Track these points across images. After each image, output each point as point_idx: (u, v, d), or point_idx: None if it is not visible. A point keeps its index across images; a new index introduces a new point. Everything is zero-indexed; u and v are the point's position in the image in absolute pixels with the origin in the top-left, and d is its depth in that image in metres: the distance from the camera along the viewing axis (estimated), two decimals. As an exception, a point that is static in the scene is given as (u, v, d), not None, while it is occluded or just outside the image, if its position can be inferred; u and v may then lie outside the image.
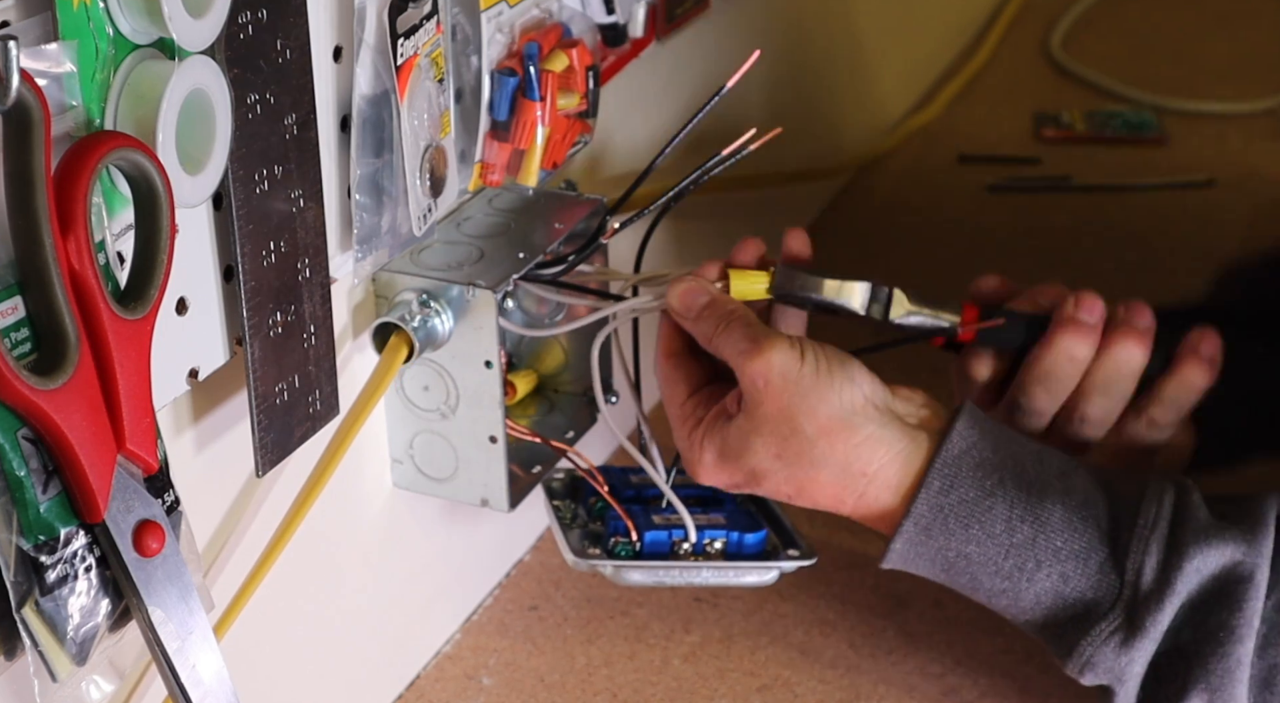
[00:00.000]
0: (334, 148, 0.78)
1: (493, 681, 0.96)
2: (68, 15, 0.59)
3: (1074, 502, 0.82)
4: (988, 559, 0.82)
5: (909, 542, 0.82)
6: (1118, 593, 0.80)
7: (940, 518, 0.82)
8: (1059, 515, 0.81)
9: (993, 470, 0.82)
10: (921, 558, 0.83)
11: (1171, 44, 1.84)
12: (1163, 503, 0.81)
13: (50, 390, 0.57)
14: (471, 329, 0.85)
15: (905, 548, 0.83)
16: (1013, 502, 0.81)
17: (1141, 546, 0.80)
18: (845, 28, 1.49)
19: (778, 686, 0.96)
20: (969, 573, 0.82)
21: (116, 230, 0.63)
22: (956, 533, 0.82)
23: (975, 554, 0.82)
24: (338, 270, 0.79)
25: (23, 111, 0.56)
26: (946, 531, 0.82)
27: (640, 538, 0.88)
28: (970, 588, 0.83)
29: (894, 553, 0.83)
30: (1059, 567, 0.81)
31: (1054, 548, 0.81)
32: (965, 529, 0.82)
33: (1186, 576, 0.79)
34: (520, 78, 0.87)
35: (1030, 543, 0.81)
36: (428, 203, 0.83)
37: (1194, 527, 0.80)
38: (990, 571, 0.82)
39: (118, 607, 0.63)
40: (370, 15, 0.76)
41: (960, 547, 0.82)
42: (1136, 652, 0.80)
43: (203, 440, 0.74)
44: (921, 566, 0.84)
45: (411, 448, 0.90)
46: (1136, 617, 0.80)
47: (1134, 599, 0.80)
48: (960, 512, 0.82)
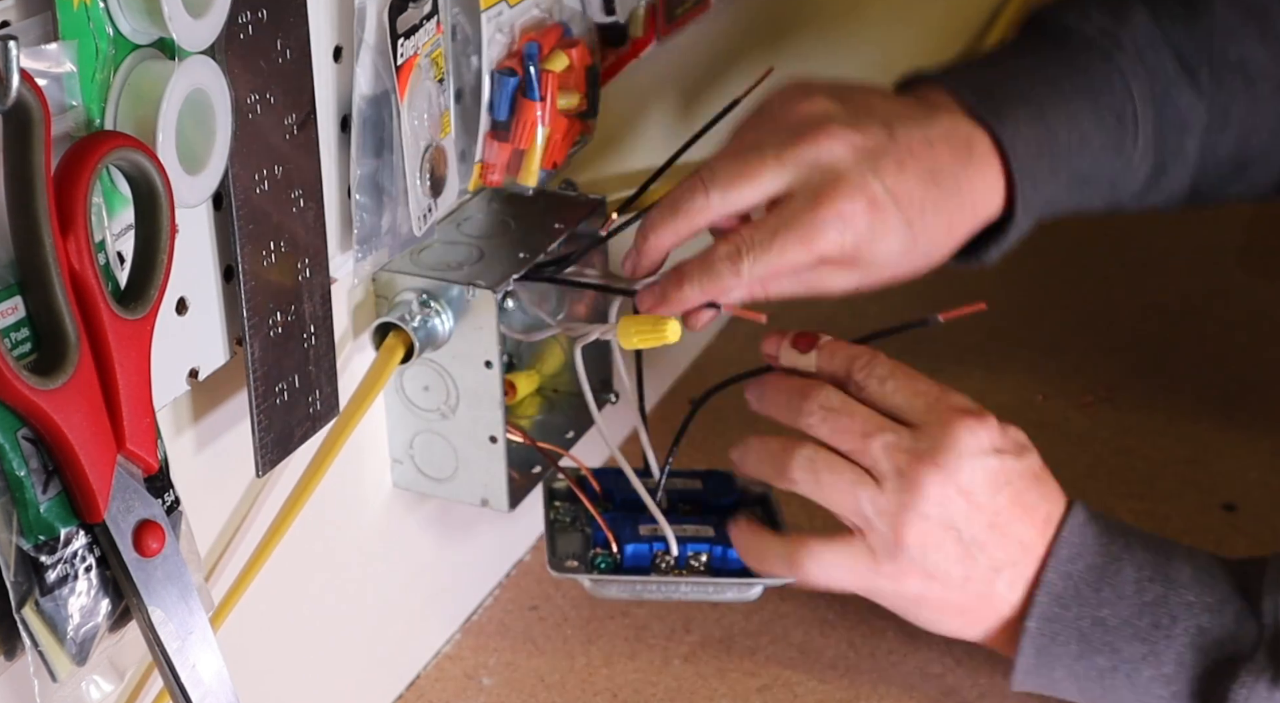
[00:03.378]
0: (334, 148, 0.78)
1: (493, 681, 0.96)
2: (68, 15, 0.59)
3: (1200, 562, 0.84)
4: (1123, 622, 0.82)
5: (1043, 617, 0.83)
6: (1258, 636, 0.81)
7: (1071, 585, 0.83)
8: (1188, 574, 0.83)
9: (1118, 536, 0.84)
10: (1057, 638, 0.83)
11: (1171, 44, 1.83)
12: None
13: (50, 390, 0.57)
14: (471, 329, 0.85)
15: (1040, 625, 0.83)
16: (1140, 564, 0.83)
17: (1274, 587, 0.82)
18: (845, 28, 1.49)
19: (778, 686, 0.96)
20: (1107, 643, 0.83)
21: (116, 230, 0.63)
22: (1089, 599, 0.83)
23: (1110, 618, 0.82)
24: (338, 270, 0.79)
25: (23, 111, 0.56)
26: (1079, 598, 0.83)
27: (620, 551, 0.87)
28: (1109, 667, 0.83)
29: (1029, 633, 0.83)
30: (1195, 620, 0.82)
31: (1187, 603, 0.82)
32: (1096, 594, 0.83)
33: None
34: (520, 78, 0.87)
35: (1163, 600, 0.82)
36: (428, 203, 0.83)
37: None
38: (1128, 634, 0.82)
39: (118, 607, 0.63)
40: (370, 15, 0.76)
41: (1094, 612, 0.82)
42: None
43: (203, 440, 0.74)
44: (1057, 651, 0.83)
45: (411, 448, 0.90)
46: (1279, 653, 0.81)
47: (1275, 637, 0.81)
48: (1089, 577, 0.83)
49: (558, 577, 0.88)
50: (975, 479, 0.83)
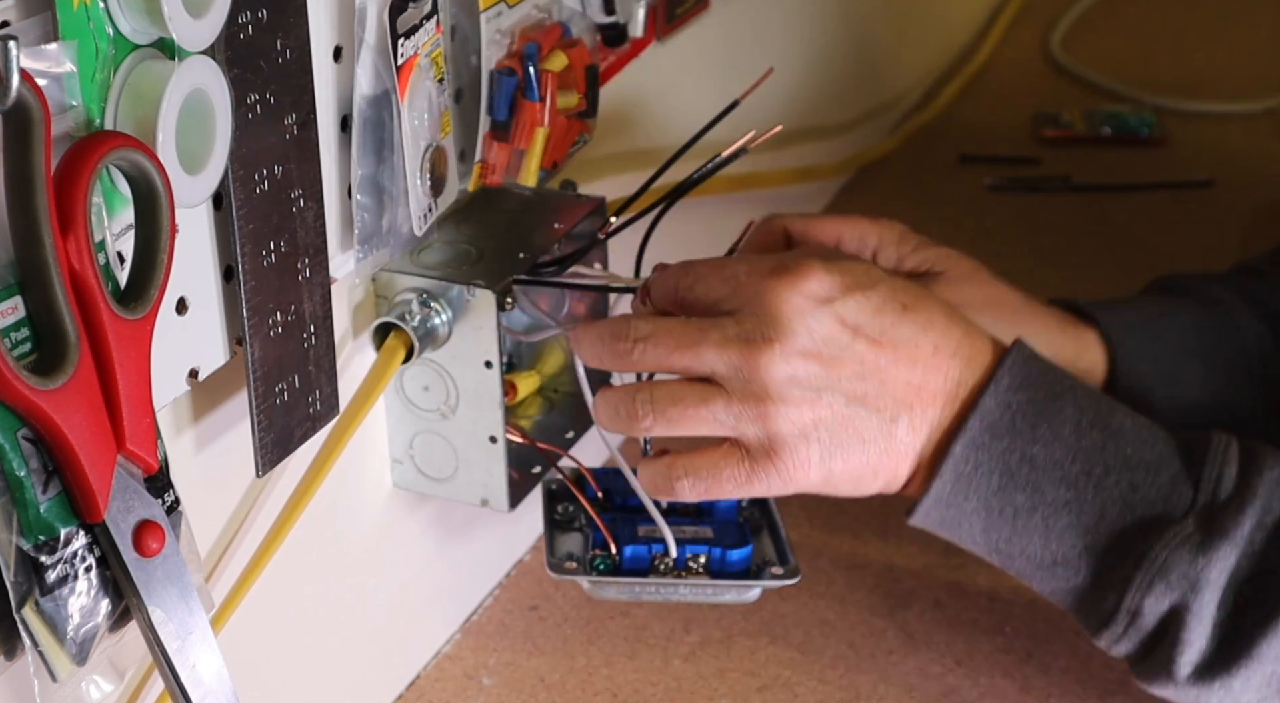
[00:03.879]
0: (334, 148, 0.78)
1: (493, 681, 0.96)
2: (68, 15, 0.59)
3: (1143, 421, 0.79)
4: (1054, 463, 0.77)
5: (971, 444, 0.77)
6: (1191, 502, 0.76)
7: (1007, 415, 0.77)
8: (1129, 425, 0.78)
9: (1063, 376, 0.79)
10: (981, 467, 0.77)
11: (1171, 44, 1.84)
12: (1230, 436, 0.79)
13: (50, 390, 0.57)
14: (471, 329, 0.85)
15: (965, 451, 0.77)
16: (1083, 407, 0.78)
17: (1218, 458, 0.77)
18: (845, 28, 1.49)
19: (778, 686, 0.96)
20: (1032, 481, 0.77)
21: (116, 230, 0.63)
22: (1023, 433, 0.77)
23: (1041, 456, 0.77)
24: (338, 270, 0.79)
25: (23, 111, 0.56)
26: (1013, 429, 0.77)
27: (619, 552, 0.87)
28: (1027, 507, 0.77)
29: (954, 456, 0.77)
30: (1128, 475, 0.77)
31: (1124, 456, 0.77)
32: (1032, 429, 0.77)
33: (1267, 484, 0.76)
34: (520, 78, 0.87)
35: (1099, 448, 0.77)
36: (428, 203, 0.83)
37: (1268, 449, 0.78)
38: (1056, 476, 0.77)
39: (118, 607, 0.63)
40: (370, 15, 0.76)
41: (1026, 448, 0.77)
42: (1216, 555, 0.75)
43: (203, 440, 0.74)
44: (977, 481, 0.77)
45: (411, 448, 0.90)
46: (1214, 520, 0.75)
47: (1211, 504, 0.76)
48: (1029, 410, 0.77)
49: (557, 578, 0.88)
50: (816, 337, 0.76)
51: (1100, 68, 1.75)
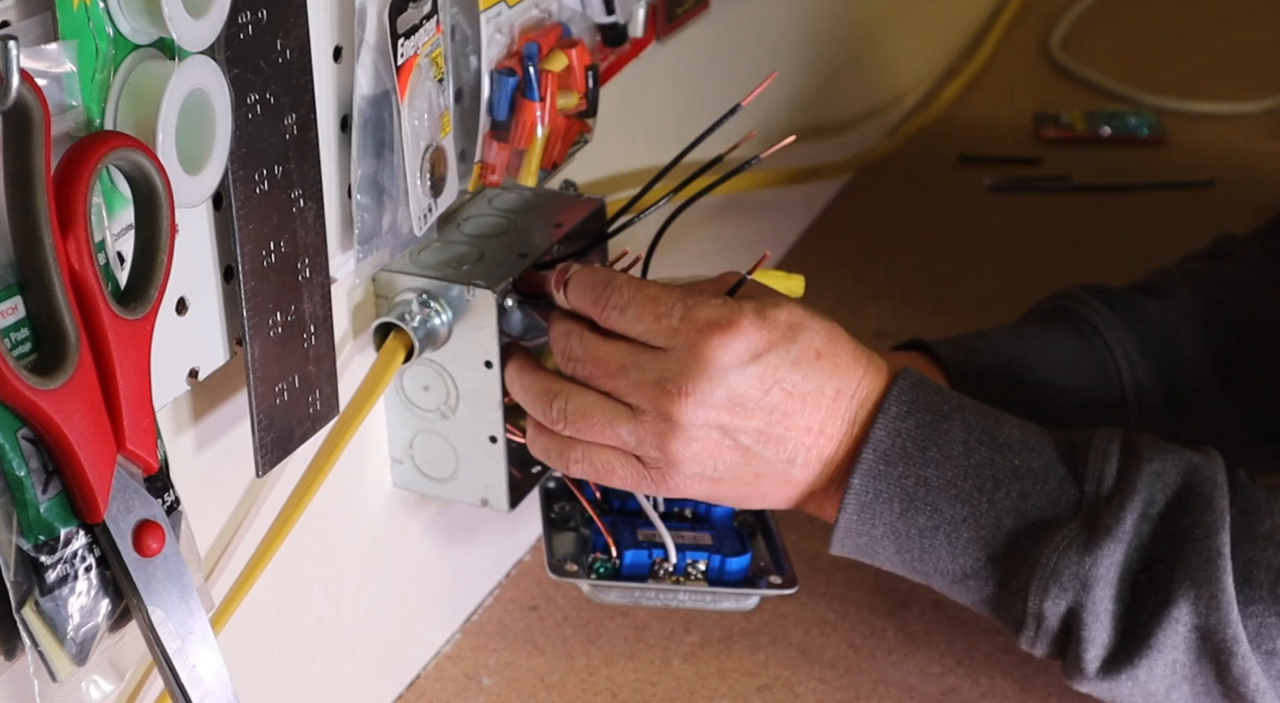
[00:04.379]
0: (334, 148, 0.78)
1: (493, 681, 0.96)
2: (68, 15, 0.59)
3: (1030, 429, 0.82)
4: (947, 483, 0.80)
5: (868, 473, 0.80)
6: (1078, 503, 0.80)
7: (899, 443, 0.80)
8: (1016, 437, 0.81)
9: (950, 397, 0.82)
10: (880, 496, 0.81)
11: (1171, 44, 1.84)
12: (1114, 433, 0.82)
13: (50, 390, 0.57)
14: (471, 329, 0.85)
15: (864, 482, 0.80)
16: (969, 425, 0.81)
17: (1099, 457, 0.81)
18: (845, 28, 1.49)
19: (778, 686, 0.96)
20: (929, 502, 0.80)
21: (116, 230, 0.63)
22: (915, 458, 0.80)
23: (934, 478, 0.80)
24: (338, 270, 0.79)
25: (23, 111, 0.56)
26: (905, 457, 0.80)
27: (620, 556, 0.87)
28: (929, 527, 0.81)
29: (854, 489, 0.81)
30: (1018, 485, 0.80)
31: (1012, 467, 0.80)
32: (923, 453, 0.80)
33: (1145, 478, 0.79)
34: (520, 78, 0.87)
35: (988, 463, 0.80)
36: (428, 203, 0.83)
37: (1148, 443, 0.81)
38: (951, 495, 0.80)
39: (118, 607, 0.63)
40: (370, 15, 0.76)
41: (919, 472, 0.80)
42: (1102, 552, 0.78)
43: (203, 440, 0.74)
44: (879, 508, 0.81)
45: (411, 448, 0.90)
46: (1098, 518, 0.79)
47: (1095, 504, 0.80)
48: (918, 436, 0.81)
49: (557, 580, 0.88)
50: (734, 392, 0.79)
51: (1100, 68, 1.75)
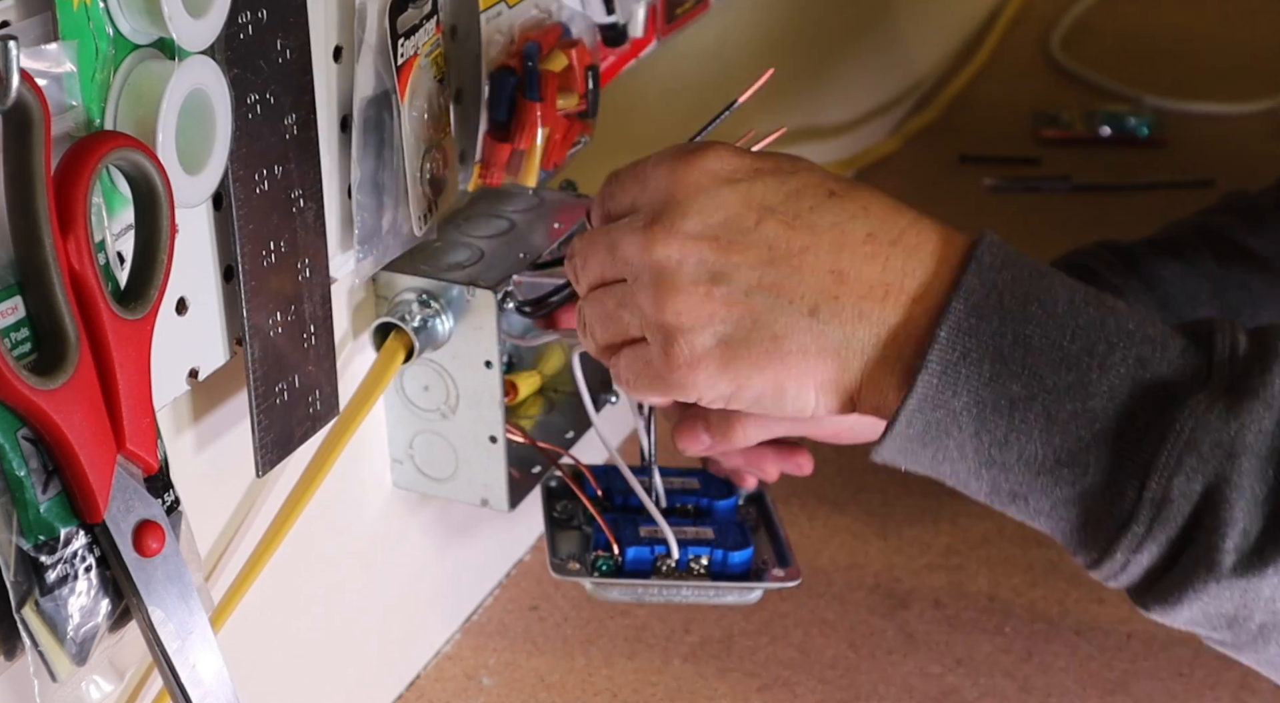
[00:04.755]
0: (334, 148, 0.78)
1: (493, 681, 0.96)
2: (68, 15, 0.59)
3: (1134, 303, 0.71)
4: (1051, 343, 0.66)
5: (957, 328, 0.66)
6: (1208, 370, 0.66)
7: (994, 295, 0.67)
8: (1124, 306, 0.68)
9: (1038, 263, 0.69)
10: (969, 355, 0.66)
11: (1171, 44, 1.84)
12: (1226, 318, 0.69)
13: (50, 390, 0.57)
14: (471, 329, 0.85)
15: (952, 337, 0.66)
16: (1073, 286, 0.68)
17: (1227, 327, 0.67)
18: (844, 28, 1.49)
19: (778, 686, 0.96)
20: (1028, 366, 0.66)
21: (116, 230, 0.63)
22: (1014, 312, 0.66)
23: (1036, 337, 0.66)
24: (338, 270, 0.79)
25: (23, 111, 0.56)
26: (1001, 309, 0.66)
27: (622, 553, 0.87)
28: (1025, 397, 0.66)
29: (940, 343, 0.66)
30: (1135, 350, 0.66)
31: (1126, 331, 0.67)
32: (1023, 308, 0.66)
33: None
34: (520, 78, 0.87)
35: (1099, 324, 0.66)
36: (428, 203, 0.83)
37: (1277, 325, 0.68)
38: (1055, 357, 0.66)
39: (118, 607, 0.63)
40: (370, 15, 0.76)
41: (1019, 328, 0.66)
42: (1249, 416, 0.64)
43: (203, 440, 0.74)
44: (966, 371, 0.66)
45: (411, 448, 0.90)
46: (1241, 382, 0.65)
47: (1232, 370, 0.66)
48: (1016, 289, 0.67)
49: (559, 579, 0.88)
50: (711, 218, 0.68)
51: (1100, 68, 1.75)
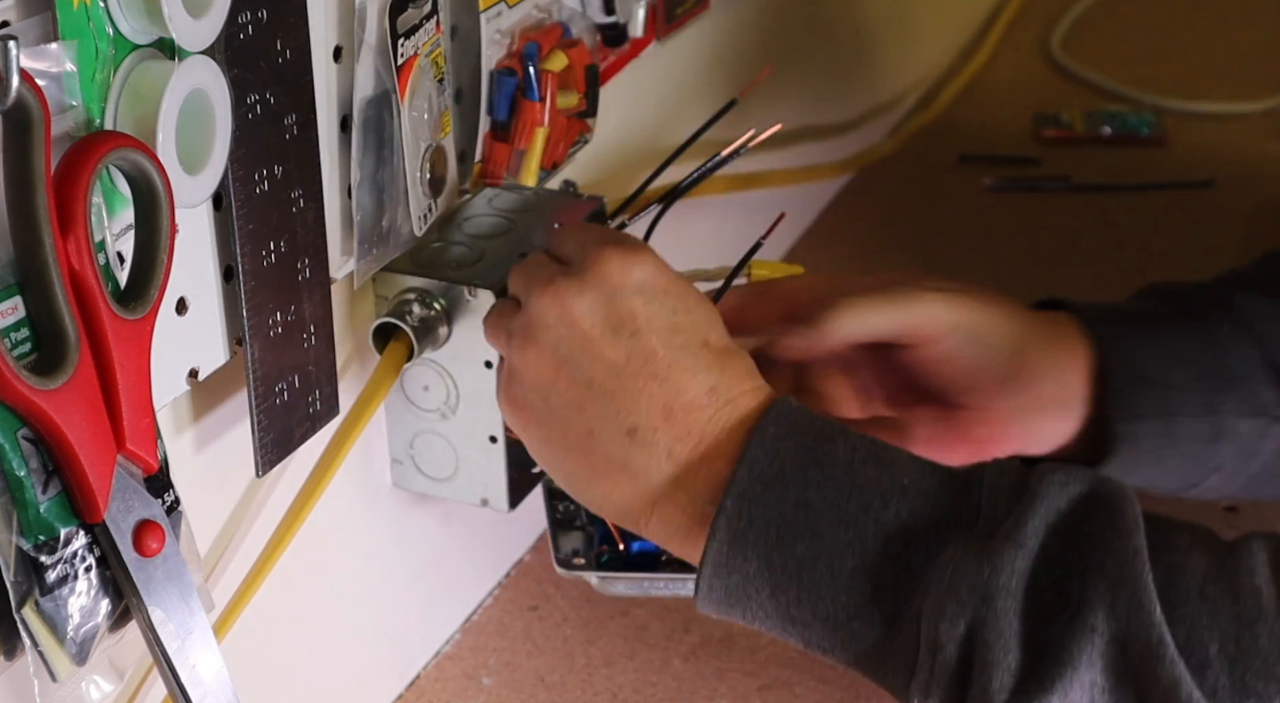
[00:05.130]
0: (334, 148, 0.78)
1: (493, 681, 0.96)
2: (68, 15, 0.59)
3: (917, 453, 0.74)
4: (830, 504, 0.70)
5: (741, 497, 0.70)
6: (975, 515, 0.70)
7: (776, 462, 0.71)
8: (905, 457, 0.72)
9: (832, 423, 0.73)
10: (755, 522, 0.70)
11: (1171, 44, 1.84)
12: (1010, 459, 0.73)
13: (50, 390, 0.57)
14: (471, 329, 0.85)
15: (737, 506, 0.70)
16: (854, 446, 0.71)
17: (996, 471, 0.71)
18: (844, 28, 1.49)
19: (778, 686, 0.96)
20: (810, 528, 0.70)
21: (116, 230, 0.63)
22: (795, 479, 0.70)
23: (815, 500, 0.70)
24: (338, 270, 0.79)
25: (23, 111, 0.56)
26: (784, 476, 0.70)
27: (626, 548, 0.87)
28: (809, 556, 0.70)
29: (726, 512, 0.70)
30: (908, 503, 0.70)
31: (900, 486, 0.70)
32: (803, 473, 0.70)
33: (1049, 485, 0.69)
34: (520, 78, 0.87)
35: (875, 482, 0.70)
36: (428, 203, 0.83)
37: (1047, 464, 0.72)
38: (833, 518, 0.70)
39: (118, 607, 0.63)
40: (370, 15, 0.76)
41: (800, 493, 0.70)
42: (1002, 560, 0.67)
43: (203, 440, 0.74)
44: (753, 536, 0.71)
45: (411, 448, 0.90)
46: (999, 526, 0.69)
47: (994, 513, 0.69)
48: (798, 456, 0.71)
49: (565, 575, 0.88)
50: (598, 312, 0.72)
51: (1100, 68, 1.74)
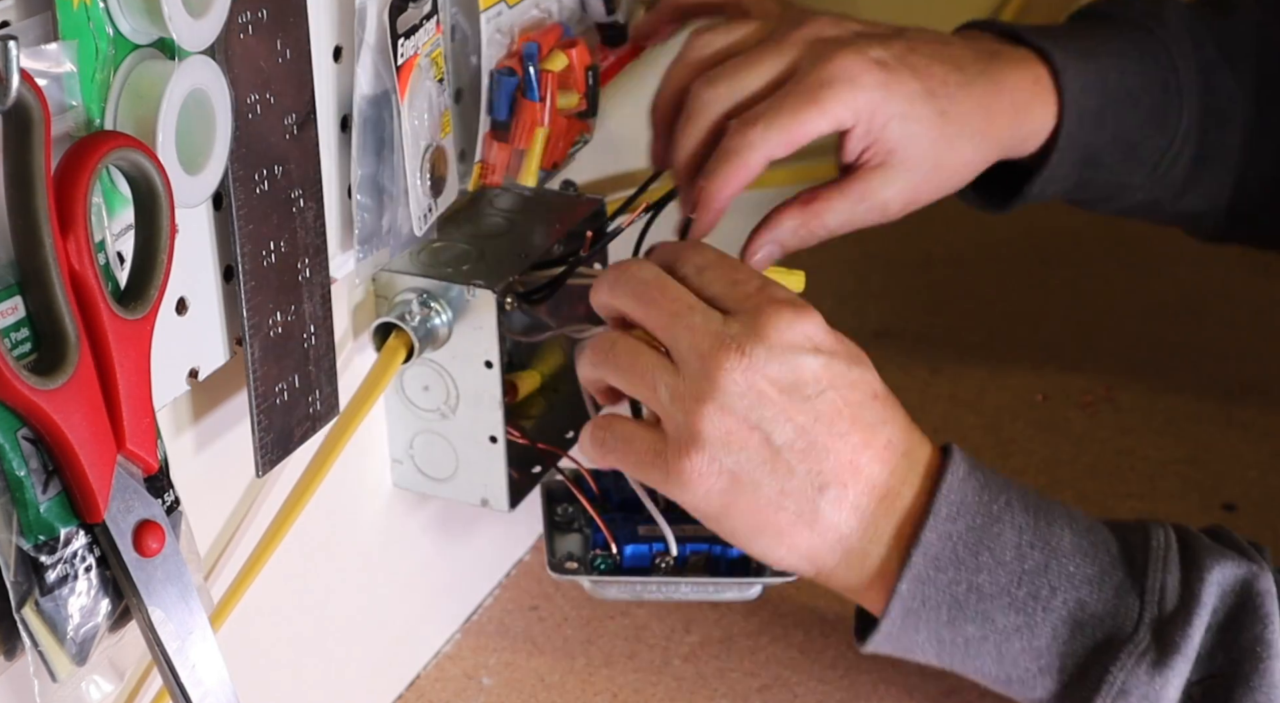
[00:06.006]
0: (334, 148, 0.78)
1: (493, 681, 0.96)
2: (68, 15, 0.59)
3: (1080, 527, 0.78)
4: (1000, 590, 0.76)
5: (916, 579, 0.75)
6: (1139, 615, 0.75)
7: (949, 547, 0.75)
8: (1069, 541, 0.77)
9: (999, 492, 0.77)
10: (928, 602, 0.76)
11: (1171, 44, 1.83)
12: (1168, 531, 0.78)
13: (50, 390, 0.57)
14: (471, 329, 0.85)
15: (912, 588, 0.75)
16: (1021, 528, 0.76)
17: (1159, 565, 0.76)
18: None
19: (778, 686, 0.96)
20: (981, 611, 0.76)
21: (116, 230, 0.63)
22: (967, 563, 0.75)
23: (987, 585, 0.75)
24: (338, 270, 0.79)
25: (23, 111, 0.56)
26: (957, 561, 0.75)
27: (619, 552, 0.87)
28: (978, 637, 0.76)
29: (900, 596, 0.76)
30: (1075, 593, 0.76)
31: (1068, 573, 0.76)
32: (975, 557, 0.76)
33: (1209, 589, 0.75)
34: (520, 78, 0.87)
35: (1043, 569, 0.76)
36: (428, 203, 0.83)
37: (1205, 547, 0.77)
38: (1004, 603, 0.76)
39: (118, 607, 0.63)
40: (370, 15, 0.76)
41: (971, 578, 0.75)
42: (1171, 672, 0.74)
43: (203, 440, 0.74)
44: (926, 615, 0.76)
45: (411, 448, 0.90)
46: (1166, 635, 0.75)
47: (1159, 618, 0.75)
48: (969, 540, 0.76)
49: (558, 579, 0.88)
50: (786, 375, 0.74)
51: (1100, 68, 1.74)
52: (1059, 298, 1.35)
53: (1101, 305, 1.34)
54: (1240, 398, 1.21)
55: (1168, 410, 1.20)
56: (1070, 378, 1.24)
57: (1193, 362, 1.26)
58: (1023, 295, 1.35)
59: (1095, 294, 1.36)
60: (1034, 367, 1.25)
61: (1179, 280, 1.37)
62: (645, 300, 0.77)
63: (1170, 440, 1.16)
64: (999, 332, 1.29)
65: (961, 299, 1.35)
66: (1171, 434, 1.17)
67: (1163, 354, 1.27)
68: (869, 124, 0.87)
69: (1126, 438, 1.17)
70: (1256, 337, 1.28)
